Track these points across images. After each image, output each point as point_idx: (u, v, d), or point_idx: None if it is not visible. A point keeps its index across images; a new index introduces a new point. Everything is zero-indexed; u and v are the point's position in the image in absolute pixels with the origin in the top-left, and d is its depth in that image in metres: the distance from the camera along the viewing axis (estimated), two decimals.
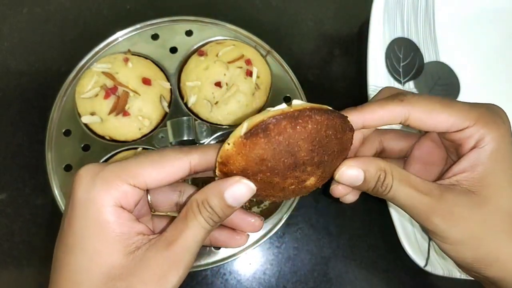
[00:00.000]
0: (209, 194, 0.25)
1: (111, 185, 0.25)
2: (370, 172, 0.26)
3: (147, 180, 0.26)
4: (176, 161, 0.26)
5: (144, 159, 0.26)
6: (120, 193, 0.25)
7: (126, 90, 0.44)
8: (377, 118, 0.28)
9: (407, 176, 0.27)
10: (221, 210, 0.26)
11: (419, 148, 0.33)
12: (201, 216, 0.25)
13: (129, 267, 0.24)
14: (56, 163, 0.44)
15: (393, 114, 0.28)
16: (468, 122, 0.27)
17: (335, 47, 0.53)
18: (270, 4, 0.55)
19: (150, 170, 0.26)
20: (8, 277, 0.43)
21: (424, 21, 0.50)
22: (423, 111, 0.28)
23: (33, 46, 0.52)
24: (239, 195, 0.25)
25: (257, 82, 0.46)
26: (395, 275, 0.45)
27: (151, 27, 0.49)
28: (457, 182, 0.27)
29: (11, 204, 0.45)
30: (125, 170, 0.26)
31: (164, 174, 0.26)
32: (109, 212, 0.25)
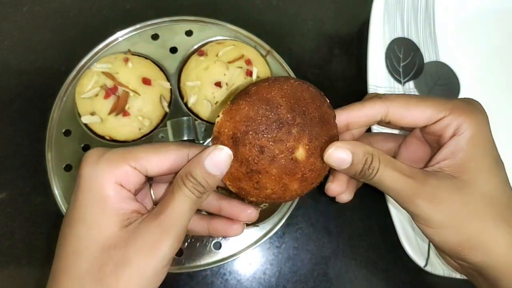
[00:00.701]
0: (191, 166, 0.27)
1: (114, 164, 0.27)
2: (358, 154, 0.27)
3: (148, 166, 0.28)
4: (176, 151, 0.28)
5: (147, 146, 0.29)
6: (122, 172, 0.27)
7: (126, 90, 0.44)
8: (360, 115, 0.30)
9: (392, 161, 0.28)
10: (203, 179, 0.27)
11: (405, 146, 0.34)
12: (185, 187, 0.27)
13: (123, 237, 0.26)
14: (56, 163, 0.44)
15: (373, 110, 0.30)
16: (444, 112, 0.29)
17: (335, 47, 0.53)
18: (270, 4, 0.55)
19: (152, 156, 0.28)
20: (8, 276, 0.43)
21: (424, 21, 0.50)
22: (400, 106, 0.29)
23: (33, 45, 0.52)
24: (218, 161, 0.27)
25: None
26: (395, 275, 0.45)
27: (151, 27, 0.49)
28: (439, 169, 0.28)
29: (11, 203, 0.45)
30: (129, 153, 0.28)
31: (164, 162, 0.28)
32: (110, 189, 0.27)
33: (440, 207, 0.27)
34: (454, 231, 0.28)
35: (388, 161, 0.28)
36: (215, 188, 0.28)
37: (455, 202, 0.27)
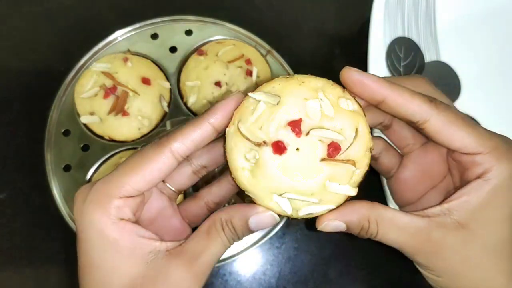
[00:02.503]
0: (234, 216, 0.26)
1: (102, 205, 0.25)
2: (352, 222, 0.26)
3: (135, 187, 0.26)
4: (155, 157, 0.26)
5: (124, 166, 0.26)
6: (114, 209, 0.25)
7: (126, 89, 0.43)
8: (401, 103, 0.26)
9: (393, 221, 0.26)
10: (242, 233, 0.27)
11: (424, 154, 0.32)
12: (224, 234, 0.26)
13: (150, 277, 0.25)
14: (55, 163, 0.43)
15: (418, 109, 0.26)
16: (482, 148, 0.26)
17: (336, 47, 0.53)
18: (270, 4, 0.55)
19: (133, 176, 0.26)
20: (8, 277, 0.43)
21: (425, 21, 0.50)
22: (445, 121, 0.26)
23: (32, 45, 0.51)
24: (263, 224, 0.26)
25: (257, 81, 0.46)
26: (395, 276, 0.45)
27: (150, 26, 0.49)
28: (448, 211, 0.27)
29: (10, 204, 0.45)
30: (110, 185, 0.26)
31: (149, 175, 0.26)
32: (111, 230, 0.25)
33: (444, 263, 0.27)
34: (455, 282, 0.27)
35: (388, 222, 0.26)
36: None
37: (460, 257, 0.27)
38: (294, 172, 0.25)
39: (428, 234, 0.26)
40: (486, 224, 0.27)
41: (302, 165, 0.25)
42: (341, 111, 0.26)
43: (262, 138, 0.25)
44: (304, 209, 0.26)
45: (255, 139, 0.25)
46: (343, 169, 0.25)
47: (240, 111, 0.26)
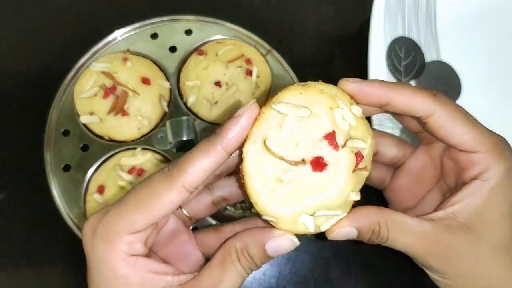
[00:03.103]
0: (249, 243, 0.25)
1: (112, 241, 0.25)
2: (363, 227, 0.26)
3: (146, 222, 0.25)
4: (166, 191, 0.24)
5: (133, 200, 0.25)
6: (124, 245, 0.25)
7: (125, 89, 0.43)
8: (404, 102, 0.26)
9: (402, 224, 0.26)
10: (259, 260, 0.25)
11: (415, 160, 0.32)
12: (239, 264, 0.25)
13: None
14: (54, 163, 0.43)
15: (421, 105, 0.26)
16: (480, 147, 0.26)
17: (336, 47, 0.53)
18: (270, 3, 0.55)
19: (144, 212, 0.24)
20: (7, 277, 0.43)
21: (425, 20, 0.50)
22: (448, 115, 0.26)
23: (32, 45, 0.51)
24: (282, 250, 0.25)
25: (257, 81, 0.46)
26: (395, 276, 0.44)
27: (150, 26, 0.49)
28: (453, 215, 0.27)
29: (9, 204, 0.45)
30: (120, 221, 0.25)
31: (160, 211, 0.24)
32: (122, 267, 0.24)
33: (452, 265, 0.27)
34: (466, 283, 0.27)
35: (398, 226, 0.26)
36: None
37: (467, 259, 0.27)
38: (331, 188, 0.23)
39: (436, 237, 0.26)
40: (491, 223, 0.27)
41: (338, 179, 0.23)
42: (357, 119, 0.25)
43: (300, 156, 0.23)
44: (326, 224, 0.25)
45: (292, 158, 0.23)
46: (360, 177, 0.25)
47: (262, 126, 0.23)
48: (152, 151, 0.44)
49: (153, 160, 0.42)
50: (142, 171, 0.41)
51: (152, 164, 0.42)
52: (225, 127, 0.24)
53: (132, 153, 0.43)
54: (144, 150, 0.43)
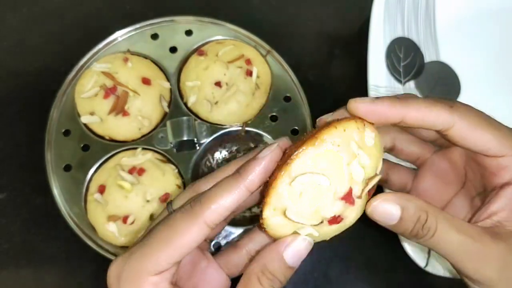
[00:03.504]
0: (267, 260, 0.24)
1: (138, 283, 0.24)
2: (409, 209, 0.23)
3: (170, 261, 0.25)
4: (188, 229, 0.24)
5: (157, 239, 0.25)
6: (150, 286, 0.24)
7: (126, 89, 0.43)
8: (420, 118, 0.25)
9: (453, 219, 0.24)
10: (282, 274, 0.24)
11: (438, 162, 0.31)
12: (261, 286, 0.24)
13: None
14: (55, 163, 0.43)
15: (439, 119, 0.25)
16: (507, 150, 0.25)
17: (335, 47, 0.53)
18: (270, 4, 0.55)
19: (168, 251, 0.24)
20: (7, 277, 0.43)
21: (425, 21, 0.50)
22: (468, 125, 0.25)
23: (32, 45, 0.51)
24: (299, 253, 0.24)
25: (257, 82, 0.46)
26: (395, 276, 0.45)
27: (150, 26, 0.49)
28: (499, 223, 0.25)
29: (10, 204, 0.45)
30: (144, 262, 0.25)
31: (184, 249, 0.24)
32: None
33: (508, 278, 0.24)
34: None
35: (448, 219, 0.24)
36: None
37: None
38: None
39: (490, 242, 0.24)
40: None
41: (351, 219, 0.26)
42: (370, 152, 0.24)
43: (319, 220, 0.24)
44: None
45: (311, 222, 0.24)
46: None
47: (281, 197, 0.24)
48: (152, 151, 0.44)
49: (154, 160, 0.43)
50: (142, 171, 0.41)
51: (153, 164, 0.42)
52: (248, 168, 0.24)
53: (132, 153, 0.43)
54: (144, 150, 0.44)
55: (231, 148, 0.46)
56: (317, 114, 0.46)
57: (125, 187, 0.40)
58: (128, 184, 0.40)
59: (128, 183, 0.40)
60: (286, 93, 0.47)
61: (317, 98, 0.48)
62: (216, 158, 0.46)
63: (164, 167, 0.42)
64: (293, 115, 0.46)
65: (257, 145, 0.46)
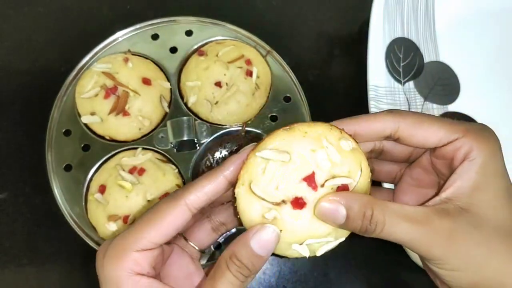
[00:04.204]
0: (235, 247, 0.25)
1: (119, 258, 0.26)
2: (353, 208, 0.25)
3: (152, 240, 0.26)
4: (169, 210, 0.26)
5: (141, 221, 0.27)
6: (130, 262, 0.26)
7: (126, 90, 0.44)
8: (369, 127, 0.29)
9: (399, 210, 0.25)
10: (249, 261, 0.25)
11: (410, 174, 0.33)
12: (229, 271, 0.25)
13: None
14: (56, 162, 0.44)
15: (383, 124, 0.28)
16: (457, 134, 0.27)
17: (335, 47, 0.53)
18: (270, 4, 0.55)
19: (149, 230, 0.26)
20: (9, 276, 0.43)
21: (424, 21, 0.50)
22: (412, 123, 0.28)
23: (33, 46, 0.52)
24: (265, 241, 0.25)
25: (257, 82, 0.46)
26: (395, 275, 0.45)
27: (151, 27, 0.49)
28: (447, 200, 0.26)
29: (11, 203, 0.45)
30: (127, 240, 0.26)
31: (164, 228, 0.26)
32: (126, 284, 0.25)
33: (456, 252, 0.25)
34: (471, 274, 0.26)
35: (394, 211, 0.25)
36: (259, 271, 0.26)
37: (471, 243, 0.26)
38: (312, 221, 0.25)
39: (435, 220, 0.25)
40: (487, 205, 0.26)
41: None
42: (345, 154, 0.26)
43: (280, 198, 0.25)
44: (321, 249, 0.27)
45: (273, 200, 0.25)
46: None
47: (249, 171, 0.26)
48: (153, 151, 0.44)
49: (154, 160, 0.43)
50: (143, 170, 0.41)
51: (153, 164, 0.42)
52: (229, 160, 0.27)
53: (133, 153, 0.43)
54: (145, 150, 0.44)
55: (231, 148, 0.46)
56: (317, 114, 0.47)
57: (125, 187, 0.40)
58: (128, 184, 0.40)
59: (129, 183, 0.40)
60: (286, 93, 0.47)
61: (317, 98, 0.48)
62: (216, 158, 0.46)
63: (165, 167, 0.43)
64: (293, 115, 0.46)
65: None
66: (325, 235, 0.26)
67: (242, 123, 0.46)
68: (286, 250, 0.26)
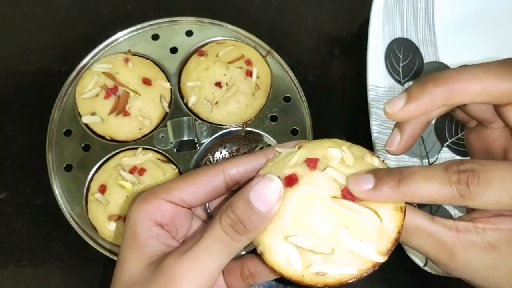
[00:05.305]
0: (233, 199, 0.24)
1: (146, 201, 0.27)
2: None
3: (183, 196, 0.27)
4: (206, 172, 0.27)
5: (177, 178, 0.28)
6: (154, 207, 0.27)
7: (127, 90, 0.44)
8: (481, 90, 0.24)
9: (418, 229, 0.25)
10: (244, 214, 0.23)
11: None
12: (218, 224, 0.24)
13: (145, 275, 0.25)
14: (56, 163, 0.44)
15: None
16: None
17: (335, 47, 0.53)
18: (270, 4, 0.55)
19: (184, 186, 0.27)
20: (9, 276, 0.43)
21: (424, 21, 0.50)
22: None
23: (33, 46, 0.52)
24: (264, 193, 0.22)
25: (257, 82, 0.46)
26: (394, 275, 0.45)
27: (151, 27, 0.49)
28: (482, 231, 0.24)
29: (11, 203, 0.45)
30: (160, 188, 0.28)
31: (199, 190, 0.27)
32: (140, 225, 0.26)
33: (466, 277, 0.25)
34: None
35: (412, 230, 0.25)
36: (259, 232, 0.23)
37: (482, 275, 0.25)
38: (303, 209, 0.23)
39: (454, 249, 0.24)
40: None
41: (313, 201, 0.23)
42: (362, 163, 0.24)
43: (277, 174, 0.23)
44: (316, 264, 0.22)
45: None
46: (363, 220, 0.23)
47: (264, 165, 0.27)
48: (153, 151, 0.44)
49: (154, 160, 0.43)
50: (143, 170, 0.41)
51: (153, 164, 0.42)
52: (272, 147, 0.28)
53: (133, 153, 0.43)
54: (145, 150, 0.44)
55: (231, 148, 0.46)
56: (317, 114, 0.47)
57: (126, 187, 0.40)
58: (129, 184, 0.40)
59: (129, 183, 0.40)
60: (286, 93, 0.47)
61: (317, 98, 0.48)
62: (216, 158, 0.46)
63: (165, 167, 0.43)
64: (293, 115, 0.46)
65: (257, 145, 0.46)
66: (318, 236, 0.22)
67: (242, 123, 0.46)
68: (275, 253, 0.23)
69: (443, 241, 0.24)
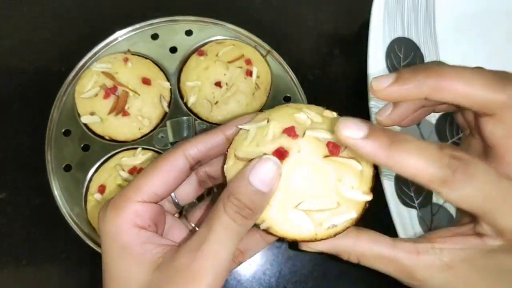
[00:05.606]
0: (233, 186, 0.23)
1: (120, 209, 0.25)
2: (332, 252, 0.28)
3: (153, 189, 0.26)
4: (168, 157, 0.27)
5: (140, 175, 0.27)
6: (131, 213, 0.25)
7: (126, 90, 0.44)
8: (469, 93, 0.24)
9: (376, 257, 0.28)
10: (249, 199, 0.23)
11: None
12: (225, 214, 0.23)
13: (155, 281, 0.24)
14: (55, 162, 0.44)
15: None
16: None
17: (335, 47, 0.53)
18: (270, 4, 0.55)
19: (150, 178, 0.26)
20: (7, 276, 0.43)
21: (425, 21, 0.50)
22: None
23: (33, 45, 0.52)
24: (265, 173, 0.23)
25: (257, 82, 0.46)
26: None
27: (151, 26, 0.49)
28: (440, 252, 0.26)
29: (10, 203, 0.45)
30: (127, 191, 0.26)
31: (163, 176, 0.26)
32: (125, 235, 0.25)
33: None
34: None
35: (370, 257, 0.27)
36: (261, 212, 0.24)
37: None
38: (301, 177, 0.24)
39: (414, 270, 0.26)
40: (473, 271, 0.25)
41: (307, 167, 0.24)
42: (326, 118, 0.27)
43: (262, 152, 0.24)
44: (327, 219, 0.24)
45: (255, 156, 0.24)
46: (348, 169, 0.25)
47: (234, 145, 0.27)
48: (152, 151, 0.44)
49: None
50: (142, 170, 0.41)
51: None
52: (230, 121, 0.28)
53: (132, 153, 0.43)
54: (144, 150, 0.44)
55: None
56: None
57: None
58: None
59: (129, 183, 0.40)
60: (286, 93, 0.47)
61: (317, 98, 0.48)
62: None
63: None
64: None
65: None
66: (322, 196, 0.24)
67: None
68: (284, 223, 0.24)
69: (404, 265, 0.26)
